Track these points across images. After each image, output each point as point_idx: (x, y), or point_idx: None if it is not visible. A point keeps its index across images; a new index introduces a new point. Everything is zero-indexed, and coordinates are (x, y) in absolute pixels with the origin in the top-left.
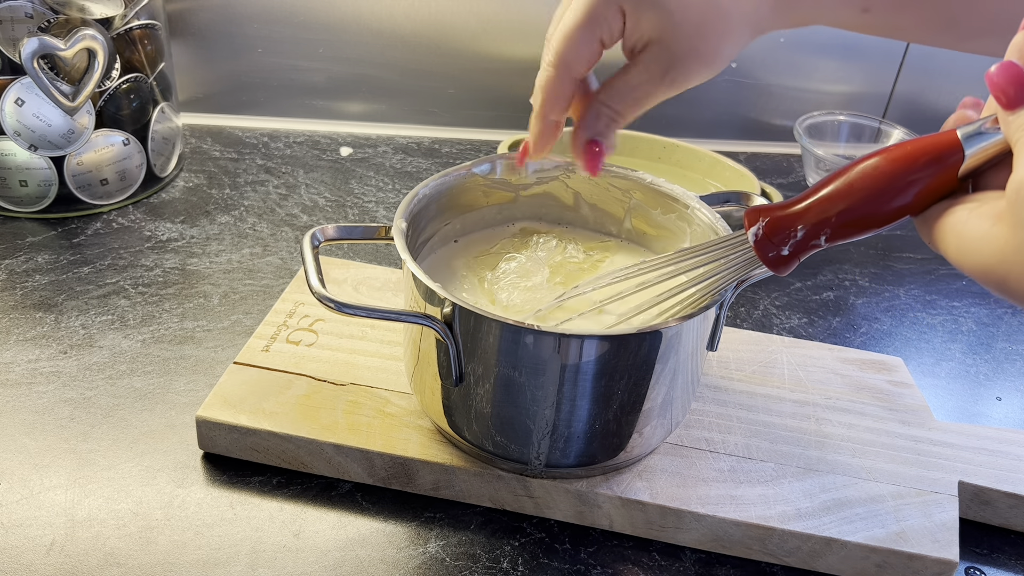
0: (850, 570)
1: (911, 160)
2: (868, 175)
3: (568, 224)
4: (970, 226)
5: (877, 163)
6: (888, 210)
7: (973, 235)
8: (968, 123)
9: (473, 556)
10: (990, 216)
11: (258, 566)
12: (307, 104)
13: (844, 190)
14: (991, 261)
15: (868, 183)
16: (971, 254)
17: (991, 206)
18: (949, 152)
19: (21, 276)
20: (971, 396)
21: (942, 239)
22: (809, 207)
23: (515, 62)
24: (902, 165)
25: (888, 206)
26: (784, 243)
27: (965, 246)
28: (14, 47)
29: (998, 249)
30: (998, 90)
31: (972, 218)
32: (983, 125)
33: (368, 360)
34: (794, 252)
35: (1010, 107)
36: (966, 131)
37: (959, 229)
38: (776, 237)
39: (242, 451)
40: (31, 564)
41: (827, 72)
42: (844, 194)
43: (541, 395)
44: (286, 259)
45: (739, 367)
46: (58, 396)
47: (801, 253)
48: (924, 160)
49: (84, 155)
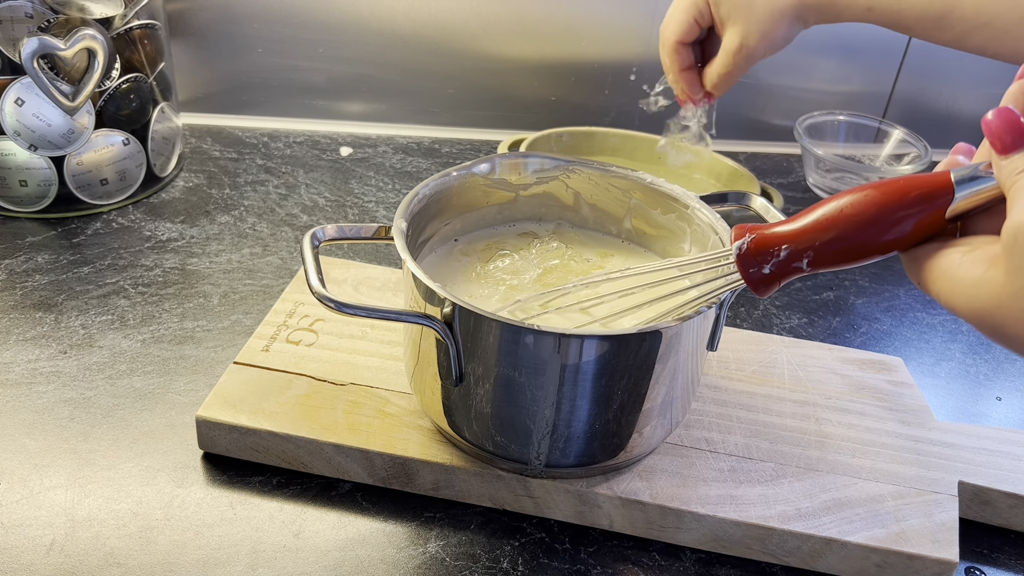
0: (850, 570)
1: (901, 194)
2: (857, 204)
3: (568, 224)
4: (963, 270)
5: (868, 194)
6: (873, 242)
7: (967, 279)
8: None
9: (473, 556)
10: (984, 261)
11: (258, 566)
12: (307, 104)
13: (832, 216)
14: (987, 307)
15: (856, 211)
16: (965, 298)
17: (985, 251)
18: (940, 192)
19: (21, 276)
20: (971, 396)
21: (933, 281)
22: (796, 229)
23: (515, 62)
24: (892, 198)
25: (873, 238)
26: (766, 261)
27: (959, 290)
28: (14, 47)
29: (994, 294)
30: (994, 136)
31: (965, 262)
32: (977, 169)
33: (368, 360)
34: (775, 272)
35: (1004, 152)
36: (960, 174)
37: (952, 272)
38: (759, 255)
39: (242, 451)
40: (31, 564)
41: (827, 72)
42: (832, 220)
43: (541, 395)
44: (286, 259)
45: (739, 367)
46: (58, 396)
47: (782, 275)
48: (914, 195)
49: (84, 155)
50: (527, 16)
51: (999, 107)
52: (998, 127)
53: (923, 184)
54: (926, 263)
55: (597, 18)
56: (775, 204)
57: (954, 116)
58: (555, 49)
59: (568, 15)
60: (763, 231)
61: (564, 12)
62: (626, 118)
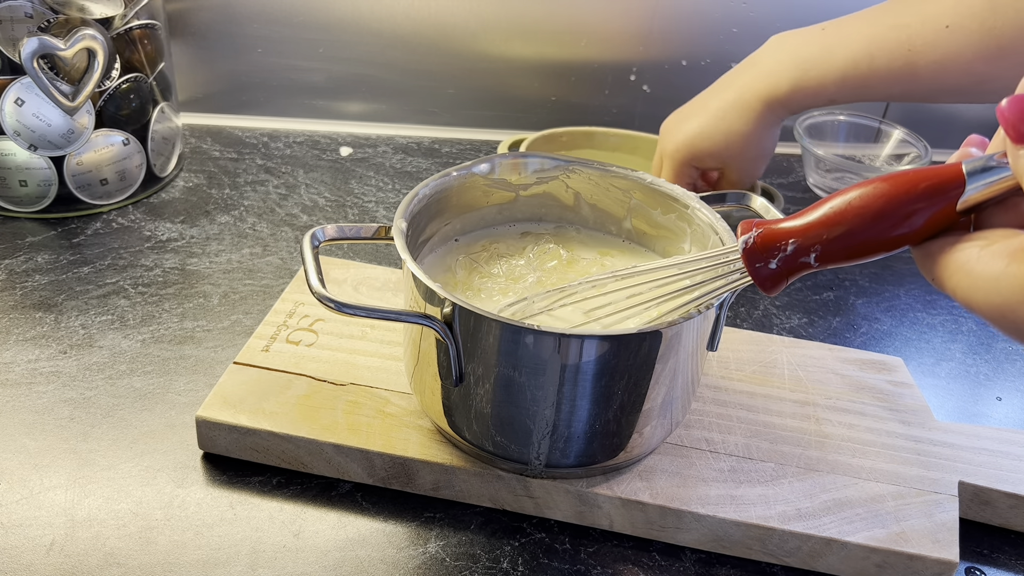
0: (850, 570)
1: (911, 186)
2: (866, 197)
3: (568, 224)
4: (982, 265)
5: (877, 186)
6: (882, 237)
7: (986, 275)
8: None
9: (473, 556)
10: (1004, 255)
11: (258, 566)
12: (307, 104)
13: (840, 210)
14: (1009, 302)
15: (864, 204)
16: (984, 294)
17: (1004, 244)
18: (952, 183)
19: (21, 276)
20: (971, 396)
21: (949, 277)
22: (803, 224)
23: (515, 62)
24: (901, 191)
25: (882, 232)
26: (773, 256)
27: (977, 285)
28: (14, 47)
29: (1017, 289)
30: (1008, 124)
31: (984, 256)
32: (991, 159)
33: (368, 360)
34: (782, 268)
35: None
36: (972, 165)
37: (970, 267)
38: (766, 249)
39: (242, 451)
40: (31, 564)
41: None
42: (840, 214)
43: (541, 395)
44: (286, 259)
45: (739, 367)
46: (58, 396)
47: (790, 271)
48: (924, 187)
49: (84, 155)
50: (527, 16)
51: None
52: (1013, 115)
53: (933, 176)
54: (940, 258)
55: (597, 18)
56: (775, 204)
57: (954, 116)
58: (555, 49)
59: (568, 15)
60: (770, 226)
61: (564, 12)
62: (626, 118)
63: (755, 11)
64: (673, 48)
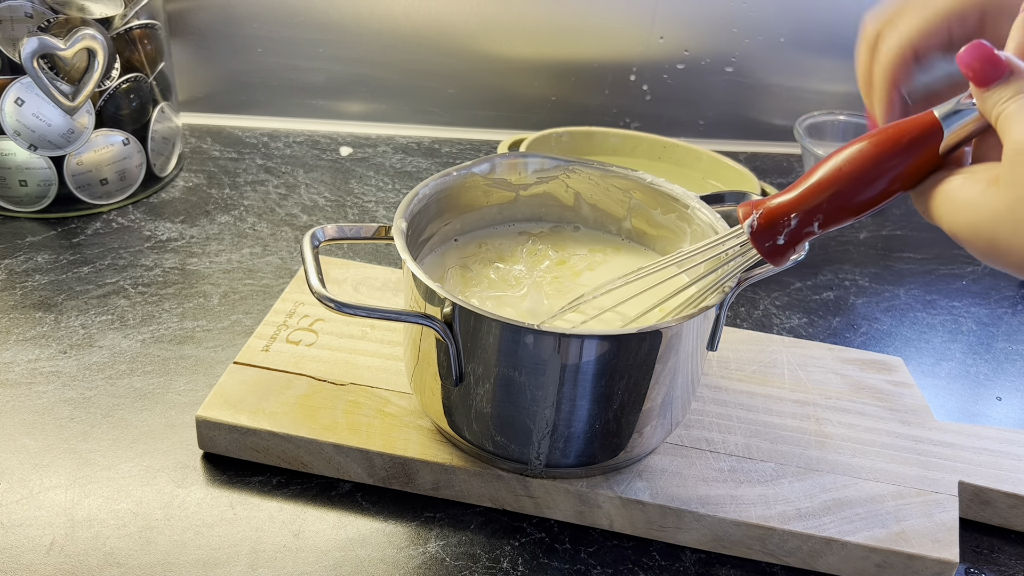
0: (850, 570)
1: (894, 143)
2: (854, 159)
3: (568, 224)
4: (964, 190)
5: (862, 147)
6: (877, 192)
7: (966, 198)
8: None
9: (473, 556)
10: (984, 180)
11: (258, 566)
12: (307, 104)
13: (833, 176)
14: (982, 219)
15: (855, 167)
16: (963, 214)
17: (984, 173)
18: (930, 131)
19: (21, 276)
20: (971, 396)
21: (936, 206)
22: (801, 195)
23: (515, 62)
24: (886, 148)
25: (876, 188)
26: (779, 232)
27: (957, 208)
28: (14, 47)
29: (991, 208)
30: (968, 68)
31: (966, 183)
32: (958, 103)
33: (368, 360)
34: (789, 241)
35: (983, 84)
36: (943, 110)
37: (953, 195)
38: (771, 227)
39: (242, 451)
40: (31, 564)
41: (827, 72)
42: (833, 180)
43: (541, 395)
44: (286, 259)
45: (739, 367)
46: (58, 396)
47: (796, 242)
48: (907, 140)
49: (84, 155)
50: (527, 16)
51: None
52: (971, 60)
53: (912, 128)
54: (931, 192)
55: (597, 18)
56: None
57: None
58: (555, 49)
59: (568, 15)
60: (768, 204)
61: (564, 12)
62: (626, 118)
63: (755, 11)
64: (673, 48)
